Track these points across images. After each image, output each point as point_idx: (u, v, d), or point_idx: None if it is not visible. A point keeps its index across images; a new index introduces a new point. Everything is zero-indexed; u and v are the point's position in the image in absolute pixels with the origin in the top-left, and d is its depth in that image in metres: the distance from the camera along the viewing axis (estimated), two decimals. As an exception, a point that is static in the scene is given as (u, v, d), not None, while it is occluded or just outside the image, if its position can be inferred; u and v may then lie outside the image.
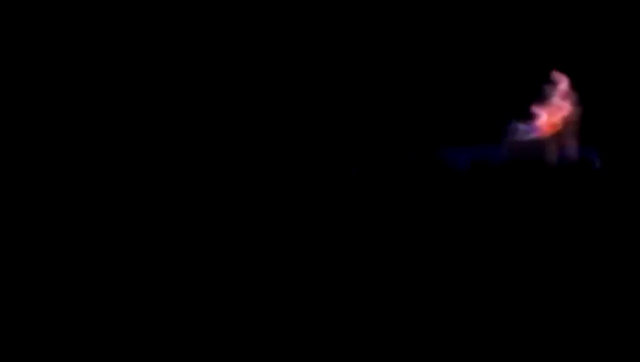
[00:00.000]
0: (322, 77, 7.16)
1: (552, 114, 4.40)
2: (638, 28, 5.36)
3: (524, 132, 4.40)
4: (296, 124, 6.99)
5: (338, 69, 7.01)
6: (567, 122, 4.40)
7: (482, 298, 3.42)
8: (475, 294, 3.45)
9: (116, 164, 5.46)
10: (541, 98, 4.50)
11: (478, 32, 5.56)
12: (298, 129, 6.87)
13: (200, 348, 2.96)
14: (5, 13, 7.00)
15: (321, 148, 6.14)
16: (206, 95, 7.52)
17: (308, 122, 6.96)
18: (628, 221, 3.78)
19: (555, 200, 4.00)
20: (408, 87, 5.75)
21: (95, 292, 3.23)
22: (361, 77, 6.36)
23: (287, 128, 6.85)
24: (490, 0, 5.52)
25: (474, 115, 5.09)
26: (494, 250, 3.87)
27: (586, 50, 5.32)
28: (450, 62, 5.48)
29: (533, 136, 4.36)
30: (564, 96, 4.45)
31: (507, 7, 5.53)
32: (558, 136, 4.36)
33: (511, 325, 3.24)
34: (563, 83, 4.46)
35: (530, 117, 4.44)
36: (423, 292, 3.44)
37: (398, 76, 5.78)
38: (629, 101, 5.02)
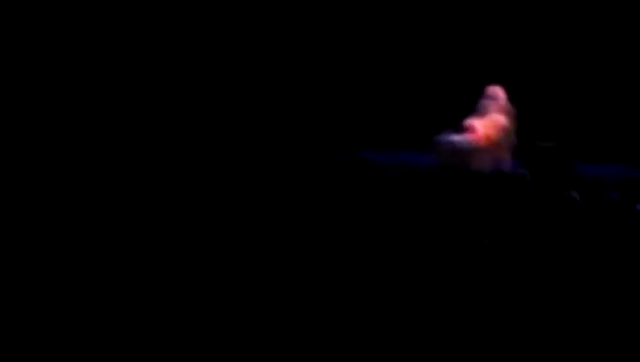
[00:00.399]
0: (257, 77, 7.21)
1: (487, 126, 4.39)
2: (576, 49, 5.52)
3: (457, 140, 4.36)
4: (228, 123, 7.08)
5: (270, 71, 7.13)
6: (501, 135, 4.39)
7: (406, 304, 3.40)
8: (400, 300, 3.43)
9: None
10: (477, 110, 4.50)
11: (421, 40, 5.64)
12: (229, 128, 6.90)
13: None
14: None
15: (253, 146, 6.02)
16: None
17: (242, 120, 7.05)
18: (549, 233, 3.86)
19: (482, 208, 4.00)
20: (347, 89, 5.79)
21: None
22: (298, 79, 6.38)
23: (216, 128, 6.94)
24: (437, 11, 5.63)
25: (409, 120, 5.08)
26: (419, 254, 3.76)
27: (526, 66, 5.44)
28: (390, 67, 5.51)
29: (466, 145, 4.32)
30: (501, 110, 4.45)
31: (454, 18, 5.65)
32: (491, 148, 4.33)
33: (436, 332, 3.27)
34: (500, 97, 4.47)
35: (464, 127, 4.42)
36: (343, 298, 3.44)
37: (335, 79, 5.81)
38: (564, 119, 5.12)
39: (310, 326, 3.25)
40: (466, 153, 4.33)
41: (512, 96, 4.53)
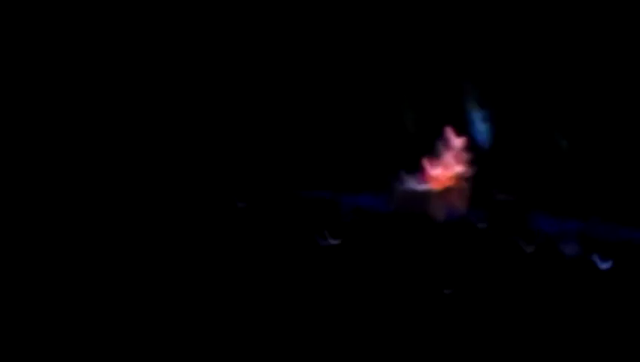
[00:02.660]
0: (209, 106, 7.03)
1: (443, 170, 4.32)
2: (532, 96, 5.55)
3: (412, 184, 4.29)
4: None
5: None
6: (456, 181, 4.32)
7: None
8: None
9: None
10: (433, 153, 4.43)
11: (373, 80, 5.64)
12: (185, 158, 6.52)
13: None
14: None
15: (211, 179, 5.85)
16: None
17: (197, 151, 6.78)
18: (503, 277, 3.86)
19: (435, 253, 3.95)
20: (299, 128, 5.77)
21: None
22: (248, 116, 6.35)
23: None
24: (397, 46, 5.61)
25: (362, 162, 5.04)
26: (372, 292, 3.95)
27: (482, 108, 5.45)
28: (341, 105, 5.52)
29: (420, 188, 4.25)
30: (457, 156, 4.39)
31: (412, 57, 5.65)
32: (446, 193, 4.25)
33: None
34: (457, 142, 4.41)
35: (419, 170, 4.35)
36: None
37: (288, 117, 5.82)
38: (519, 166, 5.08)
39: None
40: (420, 197, 4.27)
41: (470, 142, 4.53)
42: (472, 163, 4.46)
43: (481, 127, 4.91)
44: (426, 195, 4.23)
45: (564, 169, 4.77)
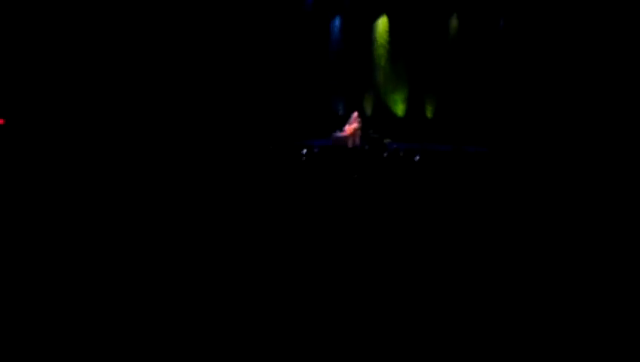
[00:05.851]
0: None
1: (350, 127, 10.13)
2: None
3: (339, 134, 10.09)
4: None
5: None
6: (355, 131, 10.11)
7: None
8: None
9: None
10: (349, 121, 10.24)
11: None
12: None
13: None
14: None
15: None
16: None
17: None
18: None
19: (350, 162, 9.39)
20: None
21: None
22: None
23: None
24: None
25: (320, 126, 10.66)
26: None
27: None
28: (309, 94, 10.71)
29: (342, 135, 10.04)
30: (355, 121, 10.21)
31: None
32: (352, 136, 10.05)
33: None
34: (355, 116, 10.25)
35: (342, 129, 10.15)
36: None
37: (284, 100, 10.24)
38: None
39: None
40: (342, 139, 9.99)
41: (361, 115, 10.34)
42: (361, 123, 10.27)
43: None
44: (345, 137, 10.02)
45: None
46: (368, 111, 11.07)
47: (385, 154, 8.94)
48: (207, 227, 3.86)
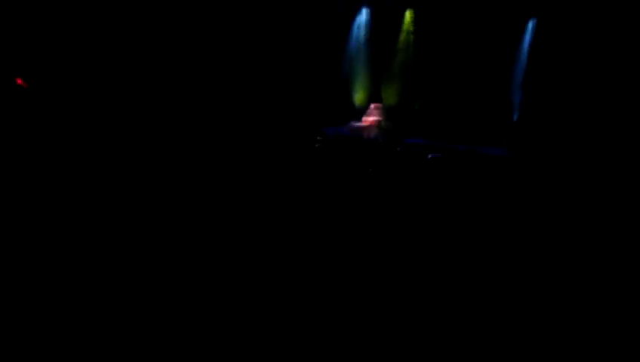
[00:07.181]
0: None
1: (369, 118, 10.25)
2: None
3: (356, 124, 10.23)
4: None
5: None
6: (373, 122, 10.27)
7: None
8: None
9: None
10: (366, 112, 10.38)
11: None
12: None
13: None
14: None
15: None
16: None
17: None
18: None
19: (368, 151, 9.59)
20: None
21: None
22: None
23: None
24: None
25: (339, 115, 10.83)
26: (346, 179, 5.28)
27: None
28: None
29: (359, 125, 10.18)
30: (374, 112, 10.35)
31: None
32: (370, 127, 10.21)
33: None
34: (374, 107, 10.38)
35: (361, 119, 10.29)
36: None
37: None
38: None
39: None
40: (359, 130, 10.16)
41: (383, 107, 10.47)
42: (381, 115, 10.43)
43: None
44: (361, 128, 10.19)
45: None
46: (389, 101, 11.18)
47: (398, 149, 9.03)
48: (216, 215, 3.87)
